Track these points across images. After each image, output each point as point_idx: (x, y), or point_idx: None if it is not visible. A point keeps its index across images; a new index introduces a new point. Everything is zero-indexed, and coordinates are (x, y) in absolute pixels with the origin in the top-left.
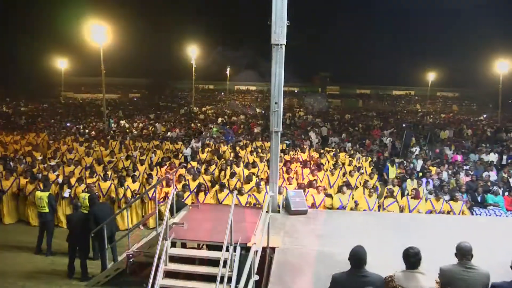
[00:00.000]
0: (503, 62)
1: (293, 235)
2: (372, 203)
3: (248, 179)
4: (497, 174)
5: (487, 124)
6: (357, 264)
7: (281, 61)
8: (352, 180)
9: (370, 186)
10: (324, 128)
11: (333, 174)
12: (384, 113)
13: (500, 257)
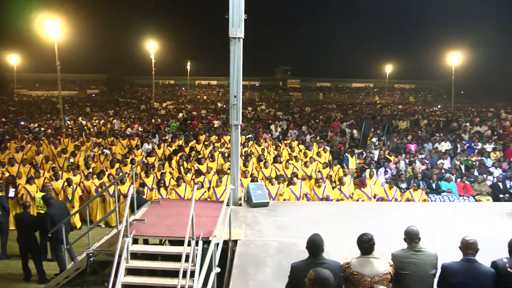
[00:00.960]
0: (455, 54)
1: (255, 227)
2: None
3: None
4: (451, 162)
5: (441, 114)
6: (314, 251)
7: (239, 54)
8: (307, 170)
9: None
10: (284, 122)
11: (287, 167)
12: (344, 105)
13: (452, 239)
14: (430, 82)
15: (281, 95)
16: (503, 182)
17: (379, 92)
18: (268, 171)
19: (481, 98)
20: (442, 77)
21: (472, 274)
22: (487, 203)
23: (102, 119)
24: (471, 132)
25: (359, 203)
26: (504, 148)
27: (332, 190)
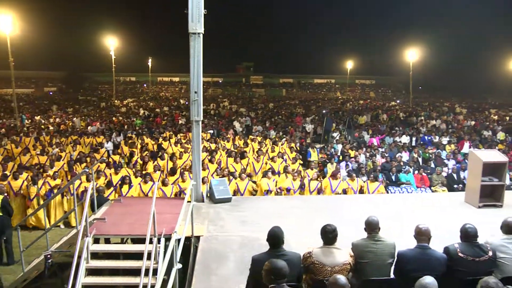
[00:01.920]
0: (413, 51)
1: (217, 223)
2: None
3: (172, 171)
4: (409, 155)
5: (400, 109)
6: (275, 243)
7: (199, 50)
8: (275, 165)
9: (291, 170)
10: (248, 118)
11: (258, 161)
12: (306, 101)
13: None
14: (389, 77)
15: (244, 91)
16: (457, 173)
17: (341, 88)
18: (238, 166)
19: (438, 93)
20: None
21: (425, 260)
22: (443, 193)
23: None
24: (428, 126)
25: (319, 196)
26: (458, 140)
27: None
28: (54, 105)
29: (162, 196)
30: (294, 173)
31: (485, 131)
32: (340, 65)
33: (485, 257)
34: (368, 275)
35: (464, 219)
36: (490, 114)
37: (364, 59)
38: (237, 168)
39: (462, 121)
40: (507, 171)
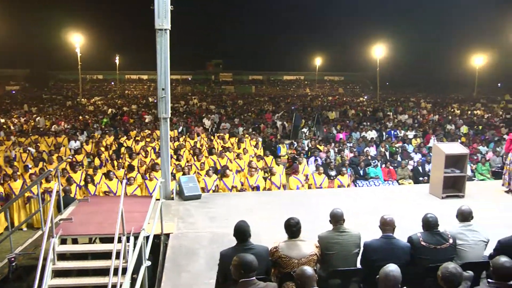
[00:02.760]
0: (379, 47)
1: (187, 220)
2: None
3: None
4: (376, 149)
5: (368, 105)
6: (241, 238)
7: (166, 46)
8: (240, 162)
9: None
10: (216, 115)
11: (223, 158)
12: (276, 97)
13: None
14: (358, 74)
15: (214, 88)
16: (422, 166)
17: (310, 84)
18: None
19: (404, 88)
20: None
21: (390, 249)
22: (409, 186)
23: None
24: (394, 121)
25: (288, 191)
26: (423, 135)
27: (264, 181)
28: (24, 104)
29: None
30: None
31: (449, 125)
32: (309, 62)
33: (446, 244)
34: (335, 265)
35: (428, 210)
36: (453, 108)
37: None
38: (197, 165)
39: (427, 116)
40: (468, 162)
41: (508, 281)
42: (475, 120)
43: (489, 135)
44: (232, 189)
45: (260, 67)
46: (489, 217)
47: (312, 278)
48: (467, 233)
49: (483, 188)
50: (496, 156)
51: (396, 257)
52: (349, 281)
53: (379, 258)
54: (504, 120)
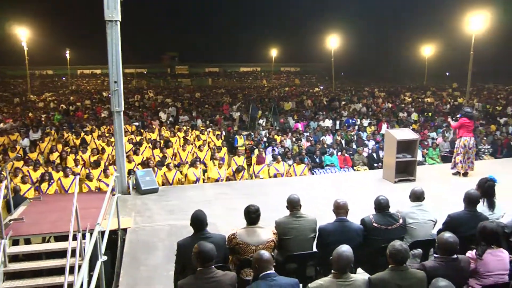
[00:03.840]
0: (334, 38)
1: (144, 214)
2: (222, 174)
3: (95, 164)
4: (332, 138)
5: (324, 94)
6: (198, 227)
7: (117, 38)
8: (201, 154)
9: (218, 158)
10: (173, 108)
11: (184, 150)
12: (233, 89)
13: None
14: (314, 64)
15: (170, 81)
16: (376, 153)
17: (267, 76)
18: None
19: (359, 78)
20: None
21: (344, 231)
22: (364, 172)
23: None
24: (350, 110)
25: (246, 181)
26: (377, 122)
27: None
28: None
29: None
30: (220, 160)
31: (401, 113)
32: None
33: (396, 224)
34: (291, 250)
35: (381, 194)
36: (405, 97)
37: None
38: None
39: (380, 104)
40: (418, 147)
41: (451, 255)
42: (425, 107)
43: (438, 122)
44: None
45: (217, 59)
46: (438, 198)
47: (269, 261)
48: (418, 213)
49: (433, 172)
50: (444, 141)
51: (350, 239)
52: (305, 264)
53: (334, 240)
54: (452, 107)
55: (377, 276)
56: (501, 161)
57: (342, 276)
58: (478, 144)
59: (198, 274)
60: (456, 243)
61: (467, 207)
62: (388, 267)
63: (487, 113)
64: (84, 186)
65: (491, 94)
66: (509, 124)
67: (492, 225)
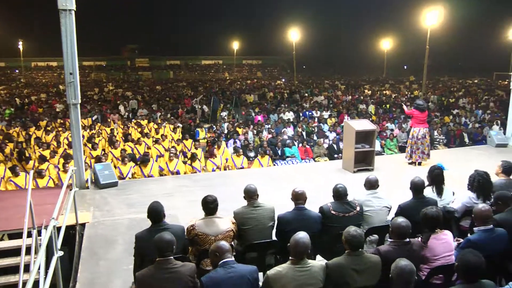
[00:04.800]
0: (295, 31)
1: (104, 208)
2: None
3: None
4: (294, 130)
5: (285, 87)
6: (156, 218)
7: (71, 28)
8: (160, 147)
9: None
10: (134, 101)
11: (140, 144)
12: (194, 82)
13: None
14: (275, 57)
15: (130, 74)
16: (337, 144)
17: (228, 69)
18: (118, 151)
19: (320, 71)
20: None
21: (302, 220)
22: (324, 163)
23: None
24: (311, 102)
25: (208, 173)
26: (338, 114)
27: (184, 165)
28: None
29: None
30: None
31: (361, 105)
32: (228, 46)
33: (354, 212)
34: (251, 239)
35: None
36: (365, 89)
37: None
38: (116, 153)
39: (341, 96)
40: (376, 138)
41: (404, 239)
42: (384, 99)
43: (396, 113)
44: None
45: (178, 52)
46: (394, 186)
47: (228, 250)
48: (373, 200)
49: (390, 161)
50: (402, 132)
51: (308, 227)
52: (265, 253)
53: (293, 229)
54: (408, 99)
55: (333, 262)
56: (454, 151)
57: (300, 262)
58: (433, 135)
59: (156, 265)
60: (408, 227)
61: (414, 195)
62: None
63: (442, 105)
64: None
65: (446, 87)
66: (461, 116)
67: (432, 211)
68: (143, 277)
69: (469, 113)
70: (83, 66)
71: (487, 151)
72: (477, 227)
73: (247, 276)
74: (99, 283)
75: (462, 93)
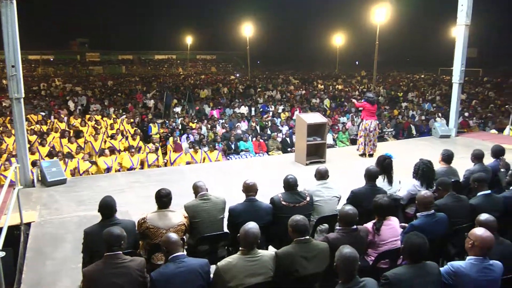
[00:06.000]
0: (249, 26)
1: (51, 206)
2: (135, 162)
3: None
4: (248, 124)
5: (239, 82)
6: (107, 213)
7: (13, 18)
8: (115, 143)
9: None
10: (83, 97)
11: (96, 139)
12: (147, 77)
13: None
14: (230, 52)
15: (80, 69)
16: (290, 137)
17: (182, 64)
18: (74, 146)
19: (274, 66)
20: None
21: (253, 211)
22: (277, 156)
23: None
24: (265, 97)
25: (161, 169)
26: (291, 108)
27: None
28: None
29: None
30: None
31: (314, 99)
32: (181, 41)
33: (304, 202)
34: (202, 232)
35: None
36: (318, 84)
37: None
38: (72, 148)
39: (294, 91)
40: (327, 130)
41: (351, 226)
42: (336, 94)
43: (348, 107)
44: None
45: (130, 46)
46: (344, 176)
47: (177, 243)
48: (323, 190)
49: (342, 154)
50: (353, 125)
51: (260, 218)
52: (217, 245)
53: (244, 220)
54: (360, 93)
55: (282, 250)
56: (402, 142)
57: (250, 252)
58: (382, 127)
59: (104, 260)
60: (355, 215)
61: (367, 183)
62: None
63: (391, 98)
64: None
65: (395, 81)
66: (409, 109)
67: (382, 200)
68: (90, 272)
69: (416, 107)
70: (28, 60)
71: (432, 142)
72: (420, 212)
73: (198, 270)
74: (46, 283)
75: (410, 88)
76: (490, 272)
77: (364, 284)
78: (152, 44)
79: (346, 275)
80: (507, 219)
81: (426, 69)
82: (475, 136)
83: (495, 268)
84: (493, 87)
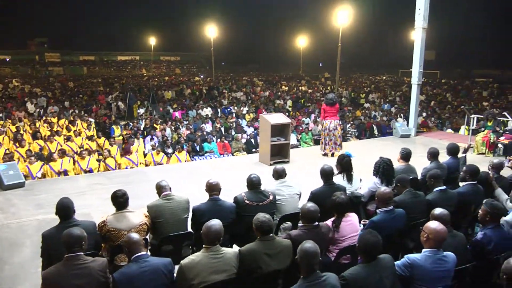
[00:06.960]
0: (213, 27)
1: (8, 210)
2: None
3: None
4: (212, 125)
5: (204, 83)
6: (65, 215)
7: None
8: (72, 145)
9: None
10: (42, 98)
11: (52, 142)
12: (110, 78)
13: None
14: (194, 54)
15: (39, 70)
16: (254, 138)
17: (146, 65)
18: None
19: (238, 68)
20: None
21: (217, 210)
22: (242, 156)
23: None
24: (229, 98)
25: (123, 170)
26: (256, 110)
27: (97, 163)
28: None
29: None
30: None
31: (278, 100)
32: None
33: (267, 201)
34: (166, 232)
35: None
36: (282, 85)
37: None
38: (22, 152)
39: (259, 92)
40: (291, 131)
41: (313, 222)
42: (300, 95)
43: (311, 108)
44: (61, 174)
45: (92, 47)
46: (307, 175)
47: (139, 243)
48: (283, 189)
49: (305, 153)
50: (316, 126)
51: (223, 217)
52: (181, 245)
53: (208, 219)
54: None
55: (246, 247)
56: (364, 142)
57: (213, 249)
58: (345, 127)
59: (65, 261)
60: (317, 212)
61: (325, 182)
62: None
63: (354, 100)
64: None
65: (357, 83)
66: (371, 110)
67: (341, 197)
68: (49, 275)
69: (378, 107)
70: None
71: (393, 141)
72: (380, 208)
73: (161, 269)
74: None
75: (372, 89)
76: (444, 263)
77: (325, 279)
78: (115, 45)
79: (307, 268)
80: (461, 213)
81: (388, 71)
82: (433, 136)
83: (448, 259)
84: (450, 88)
